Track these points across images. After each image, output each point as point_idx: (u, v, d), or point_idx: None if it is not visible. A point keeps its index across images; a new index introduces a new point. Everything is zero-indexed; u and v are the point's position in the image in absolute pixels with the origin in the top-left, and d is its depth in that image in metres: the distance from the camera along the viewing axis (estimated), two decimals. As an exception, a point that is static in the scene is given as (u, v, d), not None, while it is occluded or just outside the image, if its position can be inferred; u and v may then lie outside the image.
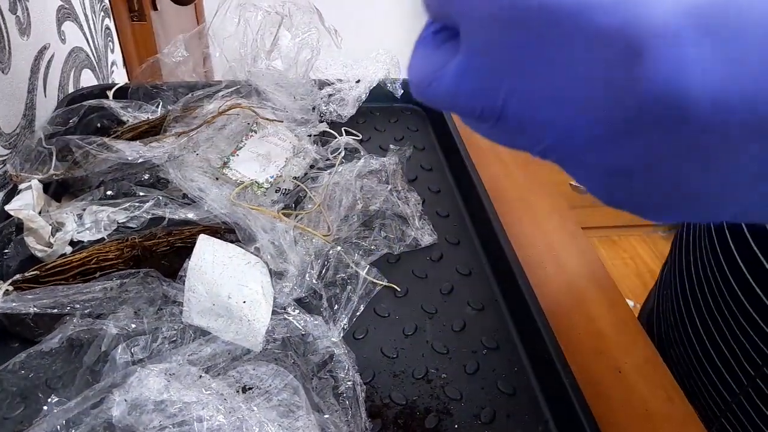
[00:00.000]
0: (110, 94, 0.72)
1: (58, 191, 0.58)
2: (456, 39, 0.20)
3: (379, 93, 0.77)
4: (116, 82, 0.79)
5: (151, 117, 0.66)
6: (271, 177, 0.60)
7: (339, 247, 0.53)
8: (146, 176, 0.60)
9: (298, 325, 0.44)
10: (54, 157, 0.57)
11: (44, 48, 0.71)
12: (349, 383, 0.41)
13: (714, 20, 0.14)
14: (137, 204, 0.56)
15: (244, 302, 0.43)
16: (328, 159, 0.67)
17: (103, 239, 0.54)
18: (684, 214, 0.19)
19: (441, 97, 0.20)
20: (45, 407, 0.38)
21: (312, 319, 0.45)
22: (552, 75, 0.17)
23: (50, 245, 0.51)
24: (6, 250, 0.50)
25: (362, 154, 0.67)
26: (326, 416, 0.39)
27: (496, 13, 0.17)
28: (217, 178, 0.59)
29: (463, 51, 0.19)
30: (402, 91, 0.79)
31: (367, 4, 2.02)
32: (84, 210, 0.55)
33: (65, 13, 0.78)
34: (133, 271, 0.45)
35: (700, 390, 0.53)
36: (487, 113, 0.19)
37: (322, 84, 0.75)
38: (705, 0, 0.14)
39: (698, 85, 0.15)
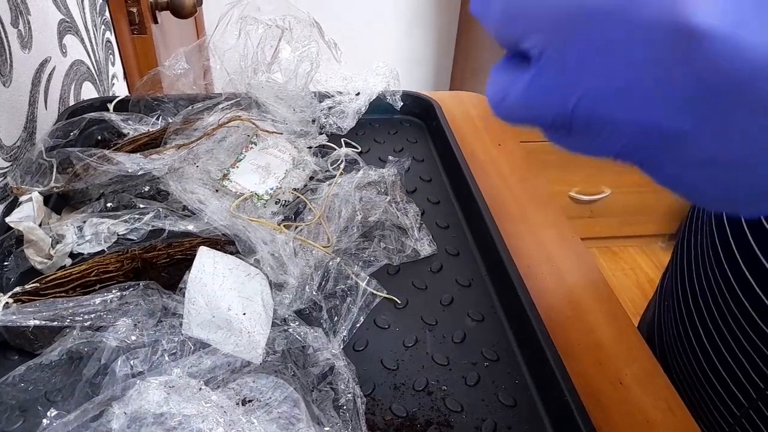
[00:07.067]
0: (111, 106, 0.72)
1: (58, 203, 0.59)
2: (527, 62, 0.20)
3: (378, 105, 0.77)
4: (117, 94, 0.79)
5: (151, 129, 0.67)
6: (271, 189, 0.61)
7: (339, 259, 0.53)
8: (146, 188, 0.60)
9: (298, 336, 0.44)
10: (54, 170, 0.57)
11: (45, 61, 0.71)
12: (349, 395, 0.41)
13: None
14: (137, 216, 0.56)
15: (244, 314, 0.43)
16: (327, 171, 0.67)
17: (103, 251, 0.54)
18: None
19: (515, 110, 0.21)
20: (44, 420, 0.38)
21: (312, 330, 0.45)
22: (616, 70, 0.18)
23: (50, 257, 0.51)
24: (6, 263, 0.50)
25: (361, 165, 0.67)
26: (326, 429, 0.38)
27: (556, 17, 0.18)
28: (217, 190, 0.59)
29: (532, 63, 0.20)
30: (401, 103, 0.79)
31: (367, 18, 2.04)
32: (84, 222, 0.55)
33: (66, 27, 0.79)
34: (133, 283, 0.45)
35: (706, 403, 0.53)
36: (559, 119, 0.20)
37: (322, 96, 0.75)
38: None
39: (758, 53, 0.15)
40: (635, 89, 0.18)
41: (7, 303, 0.44)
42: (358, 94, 0.76)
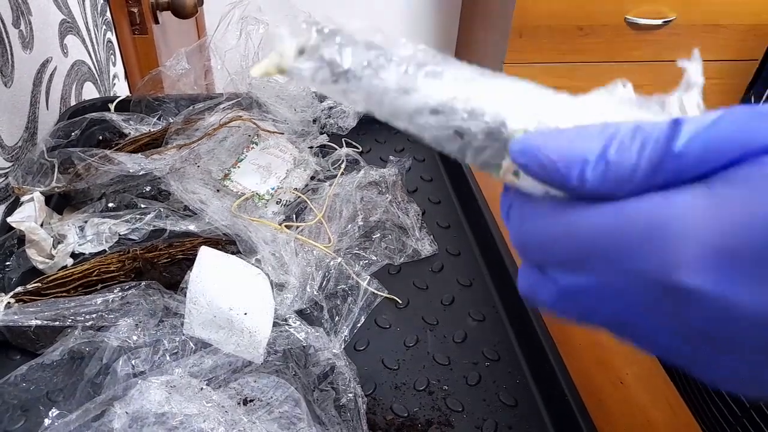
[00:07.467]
0: (112, 106, 0.72)
1: (59, 203, 0.59)
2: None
3: (379, 105, 0.77)
4: (118, 94, 0.79)
5: (152, 129, 0.67)
6: (272, 188, 0.61)
7: (340, 259, 0.53)
8: (148, 188, 0.60)
9: (299, 336, 0.44)
10: (56, 170, 0.57)
11: (47, 61, 0.71)
12: (350, 395, 0.41)
13: (743, 259, 0.16)
14: (139, 216, 0.56)
15: (246, 314, 0.43)
16: (328, 170, 0.67)
17: (104, 251, 0.54)
18: None
19: (545, 305, 0.23)
20: (46, 420, 0.38)
21: (313, 330, 0.45)
22: (615, 308, 0.19)
23: (52, 257, 0.51)
24: (8, 263, 0.51)
25: (362, 165, 0.67)
26: (328, 429, 0.38)
27: (565, 255, 0.20)
28: (218, 190, 0.59)
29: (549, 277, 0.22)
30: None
31: (368, 18, 2.04)
32: (86, 222, 0.55)
33: (67, 27, 0.79)
34: (134, 283, 0.45)
35: (708, 406, 0.53)
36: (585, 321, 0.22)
37: (322, 96, 0.75)
38: (729, 242, 0.16)
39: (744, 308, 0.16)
40: (634, 325, 0.19)
41: (8, 303, 0.44)
42: (359, 93, 0.76)
